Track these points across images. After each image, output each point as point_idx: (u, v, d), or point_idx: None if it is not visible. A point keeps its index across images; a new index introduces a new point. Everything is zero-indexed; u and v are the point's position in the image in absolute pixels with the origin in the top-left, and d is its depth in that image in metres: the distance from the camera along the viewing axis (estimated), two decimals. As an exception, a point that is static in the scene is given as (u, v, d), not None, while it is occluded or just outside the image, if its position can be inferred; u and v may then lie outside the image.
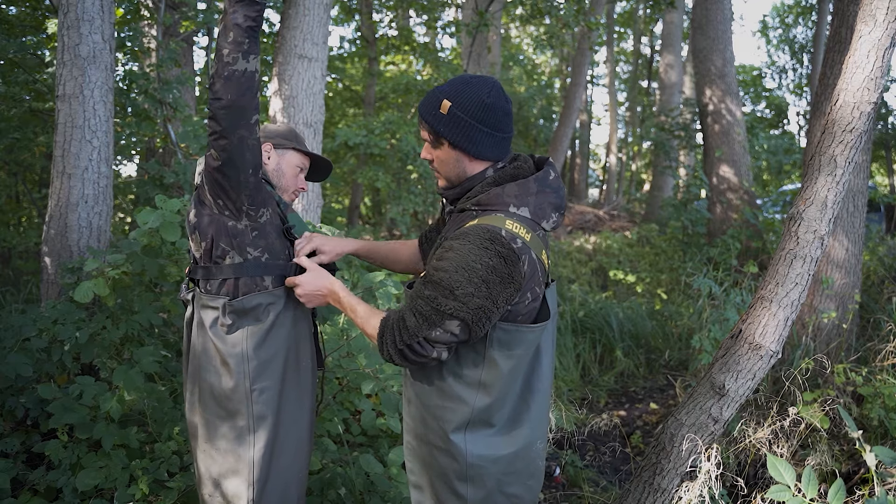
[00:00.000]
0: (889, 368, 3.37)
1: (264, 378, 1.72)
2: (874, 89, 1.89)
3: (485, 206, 1.46)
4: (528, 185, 1.47)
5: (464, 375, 1.48)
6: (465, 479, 1.50)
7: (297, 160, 1.96)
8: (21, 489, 2.42)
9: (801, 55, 22.48)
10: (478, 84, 1.47)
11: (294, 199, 2.02)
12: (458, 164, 1.51)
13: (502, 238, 1.38)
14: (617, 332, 5.58)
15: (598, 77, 24.06)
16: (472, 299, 1.36)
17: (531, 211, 1.46)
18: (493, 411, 1.49)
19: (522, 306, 1.45)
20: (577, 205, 16.58)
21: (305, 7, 4.35)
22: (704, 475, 1.77)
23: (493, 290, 1.36)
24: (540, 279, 1.46)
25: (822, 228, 1.96)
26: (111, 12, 3.34)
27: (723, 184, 7.36)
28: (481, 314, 1.37)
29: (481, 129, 1.46)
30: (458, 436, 1.48)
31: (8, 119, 5.81)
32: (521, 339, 1.47)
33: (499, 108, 1.47)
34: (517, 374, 1.51)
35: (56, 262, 3.20)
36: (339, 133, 8.03)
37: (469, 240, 1.38)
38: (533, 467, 1.58)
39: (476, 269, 1.35)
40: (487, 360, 1.46)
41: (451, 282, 1.36)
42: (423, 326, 1.40)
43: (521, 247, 1.39)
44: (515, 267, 1.38)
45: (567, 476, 3.37)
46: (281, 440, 1.76)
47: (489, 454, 1.49)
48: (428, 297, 1.40)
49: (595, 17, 8.50)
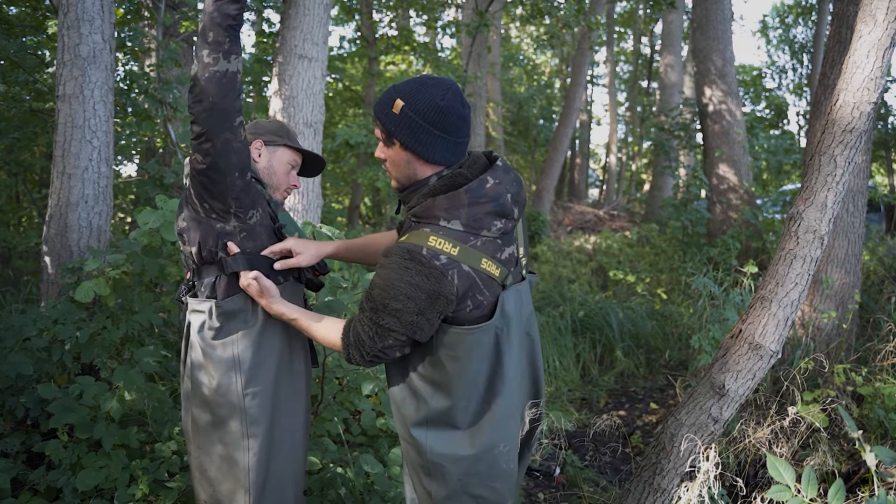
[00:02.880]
0: (889, 368, 3.37)
1: (257, 382, 1.69)
2: (874, 89, 1.89)
3: (419, 218, 1.47)
4: (459, 198, 1.44)
5: (422, 374, 1.53)
6: (428, 475, 1.55)
7: (288, 157, 1.90)
8: (21, 489, 2.42)
9: (801, 55, 22.47)
10: (434, 86, 1.45)
11: (286, 197, 1.96)
12: (409, 165, 1.50)
13: (422, 257, 1.40)
14: (617, 332, 5.58)
15: (598, 77, 24.06)
16: (403, 315, 1.41)
17: (463, 223, 1.43)
18: (455, 413, 1.52)
19: (464, 314, 1.46)
20: (577, 205, 16.58)
21: (305, 7, 4.35)
22: (704, 475, 1.77)
23: (421, 306, 1.40)
24: (481, 287, 1.44)
25: (822, 228, 1.96)
26: (111, 12, 3.34)
27: (723, 184, 7.35)
28: (415, 328, 1.42)
29: (432, 132, 1.44)
30: (419, 431, 1.54)
31: (8, 119, 5.81)
32: (460, 341, 1.47)
33: (453, 111, 1.44)
34: (475, 377, 1.50)
35: (56, 262, 3.20)
36: (340, 133, 8.03)
37: (392, 260, 1.42)
38: (497, 470, 1.57)
39: (400, 288, 1.40)
40: (436, 362, 1.50)
41: (382, 299, 1.42)
42: (374, 341, 1.47)
43: (446, 262, 1.40)
44: (441, 282, 1.39)
45: (567, 476, 3.37)
46: (276, 443, 1.74)
47: (449, 453, 1.53)
48: (369, 310, 1.46)
49: (595, 17, 8.50)
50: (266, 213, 1.75)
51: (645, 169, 21.53)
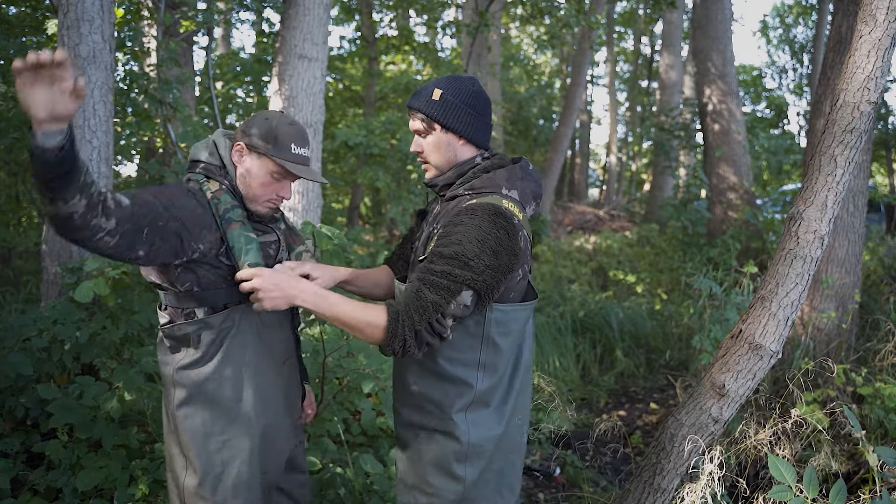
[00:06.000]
0: (888, 368, 3.37)
1: (189, 406, 1.63)
2: (874, 89, 1.89)
3: (478, 190, 1.55)
4: (516, 171, 1.59)
5: (461, 359, 1.53)
6: (464, 460, 1.55)
7: (271, 166, 1.63)
8: (21, 489, 2.42)
9: (801, 55, 22.48)
10: (463, 77, 1.63)
11: (270, 209, 1.70)
12: (450, 148, 1.60)
13: (505, 212, 1.46)
14: (617, 332, 5.58)
15: (598, 77, 24.07)
16: (485, 269, 1.42)
17: (519, 195, 1.57)
18: (495, 391, 1.57)
19: (514, 283, 1.52)
20: (577, 205, 16.58)
21: (305, 7, 4.34)
22: (707, 476, 1.77)
23: (502, 261, 1.44)
24: (528, 257, 1.55)
25: (822, 228, 1.96)
26: (111, 12, 3.33)
27: (723, 184, 7.35)
28: (493, 284, 1.44)
29: (471, 113, 1.59)
30: (461, 416, 1.55)
31: (8, 119, 5.80)
32: (515, 318, 1.55)
33: (483, 95, 1.63)
34: (512, 353, 1.59)
35: (56, 262, 3.20)
36: (339, 133, 8.02)
37: (477, 214, 1.45)
38: (513, 442, 1.65)
39: (487, 240, 1.42)
40: (486, 341, 1.53)
41: (465, 252, 1.41)
42: (440, 300, 1.41)
43: (518, 223, 1.49)
44: (516, 241, 1.46)
45: (567, 476, 3.37)
46: (214, 474, 1.63)
47: (488, 434, 1.56)
48: (441, 271, 1.43)
49: (595, 17, 8.48)
50: (214, 242, 1.58)
51: (645, 169, 21.52)
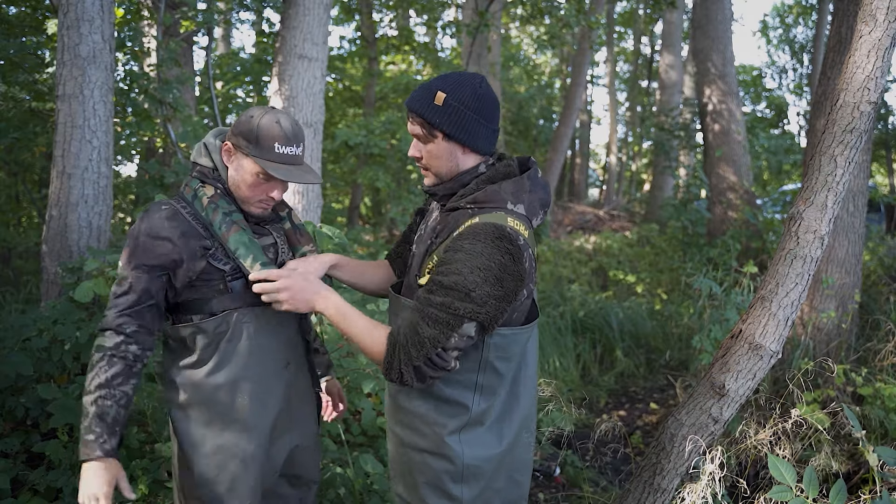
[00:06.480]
0: (888, 368, 3.37)
1: (186, 408, 1.67)
2: (874, 89, 1.88)
3: (482, 204, 1.43)
4: (523, 183, 1.46)
5: (459, 380, 1.45)
6: (459, 481, 1.48)
7: (256, 167, 1.59)
8: (21, 489, 2.42)
9: (801, 55, 22.47)
10: (469, 77, 1.46)
11: (264, 210, 1.69)
12: (451, 157, 1.48)
13: (509, 234, 1.35)
14: (617, 332, 5.58)
15: (598, 77, 24.06)
16: (488, 300, 1.32)
17: (525, 208, 1.45)
18: (490, 411, 1.49)
19: (518, 304, 1.43)
20: (577, 205, 16.58)
21: (305, 7, 4.34)
22: (707, 476, 1.77)
23: (507, 288, 1.34)
24: (534, 276, 1.46)
25: (822, 228, 1.96)
26: (111, 12, 3.33)
27: (723, 184, 7.35)
28: (496, 314, 1.34)
29: (477, 120, 1.44)
30: (454, 438, 1.46)
31: (8, 119, 5.80)
32: (515, 341, 1.46)
33: (490, 98, 1.46)
34: (510, 373, 1.51)
35: (56, 262, 3.20)
36: (339, 133, 8.03)
37: (479, 238, 1.34)
38: (518, 461, 1.57)
39: (491, 269, 1.32)
40: (484, 365, 1.45)
41: (467, 284, 1.31)
42: (439, 335, 1.34)
43: (524, 244, 1.37)
44: (521, 264, 1.36)
45: (567, 476, 3.37)
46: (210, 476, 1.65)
47: (484, 454, 1.48)
48: (440, 303, 1.33)
49: (595, 17, 8.48)
50: (201, 248, 1.61)
51: (645, 169, 21.52)
